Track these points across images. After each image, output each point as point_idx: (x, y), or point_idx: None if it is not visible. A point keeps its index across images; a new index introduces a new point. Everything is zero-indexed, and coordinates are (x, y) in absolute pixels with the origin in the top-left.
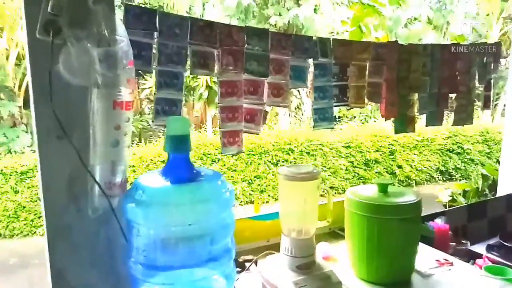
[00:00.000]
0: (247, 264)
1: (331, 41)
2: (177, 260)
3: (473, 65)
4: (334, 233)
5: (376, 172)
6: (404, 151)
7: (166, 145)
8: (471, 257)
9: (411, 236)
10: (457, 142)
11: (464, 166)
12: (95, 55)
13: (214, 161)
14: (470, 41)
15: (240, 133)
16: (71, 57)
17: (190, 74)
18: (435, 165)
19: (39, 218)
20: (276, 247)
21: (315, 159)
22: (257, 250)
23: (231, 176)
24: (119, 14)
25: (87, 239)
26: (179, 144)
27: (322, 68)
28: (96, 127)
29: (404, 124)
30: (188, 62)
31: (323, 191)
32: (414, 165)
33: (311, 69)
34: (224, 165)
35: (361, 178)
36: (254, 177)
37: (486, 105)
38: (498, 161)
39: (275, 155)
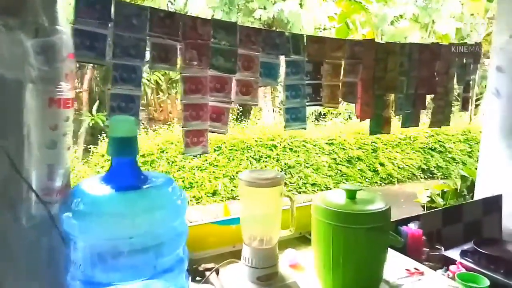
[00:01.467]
0: (208, 273)
1: (304, 37)
2: (119, 276)
3: (452, 65)
4: (304, 238)
5: (359, 169)
6: (386, 148)
7: (109, 148)
8: (445, 263)
9: (379, 246)
10: (439, 141)
11: (446, 165)
12: (29, 47)
13: (195, 156)
14: (453, 41)
15: (205, 132)
16: (1, 48)
17: (150, 68)
18: (417, 163)
19: None
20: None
21: (298, 156)
22: (221, 256)
23: (213, 172)
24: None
25: (26, 249)
26: (123, 147)
27: (295, 66)
28: (30, 127)
29: (380, 125)
30: (148, 56)
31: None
32: (396, 163)
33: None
34: (206, 160)
35: (344, 175)
36: (236, 172)
37: (464, 107)
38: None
39: (258, 151)
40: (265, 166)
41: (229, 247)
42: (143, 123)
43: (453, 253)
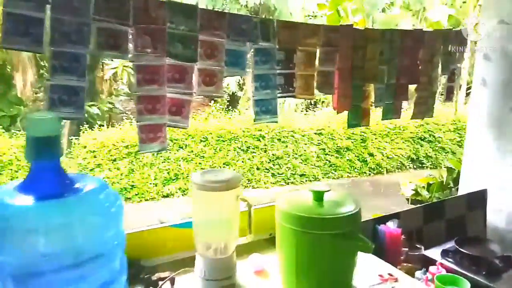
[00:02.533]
0: (161, 283)
1: (275, 23)
2: None
3: (437, 53)
4: (273, 240)
5: (348, 159)
6: (376, 138)
7: (26, 150)
8: (425, 263)
9: (347, 252)
10: (429, 130)
11: (435, 154)
12: None
13: (181, 147)
14: (446, 28)
15: (163, 127)
16: None
17: (95, 56)
18: (406, 153)
19: None
20: None
21: (286, 146)
22: (181, 263)
23: (199, 163)
24: None
25: None
26: (44, 149)
27: (264, 54)
28: None
29: (358, 117)
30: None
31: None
32: (386, 153)
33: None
34: (192, 151)
35: (333, 166)
36: (223, 163)
37: (448, 97)
38: None
39: (245, 141)
40: (253, 157)
41: (190, 251)
42: (127, 114)
43: (434, 253)
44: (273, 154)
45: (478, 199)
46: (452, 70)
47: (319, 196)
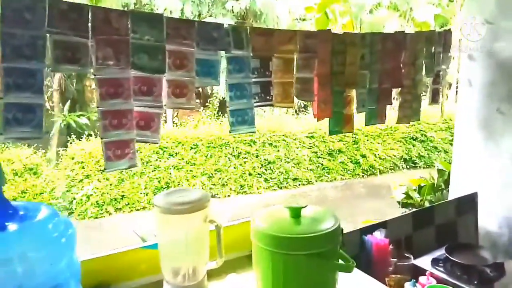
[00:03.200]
0: None
1: (248, 30)
2: None
3: (420, 56)
4: None
5: (340, 162)
6: (367, 140)
7: None
8: (415, 273)
9: (324, 273)
10: (421, 130)
11: (428, 154)
12: None
13: (172, 155)
14: (433, 28)
15: (131, 143)
16: None
17: (53, 71)
18: (398, 153)
19: None
20: None
21: (278, 151)
22: (156, 285)
23: (190, 170)
24: None
25: None
26: None
27: (238, 62)
28: None
29: (340, 124)
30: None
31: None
32: (378, 154)
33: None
34: (183, 159)
35: (325, 169)
36: (215, 170)
37: (434, 100)
38: None
39: (237, 147)
40: (245, 163)
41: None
42: None
43: (424, 262)
44: (265, 159)
45: (469, 203)
46: (437, 72)
47: (295, 213)
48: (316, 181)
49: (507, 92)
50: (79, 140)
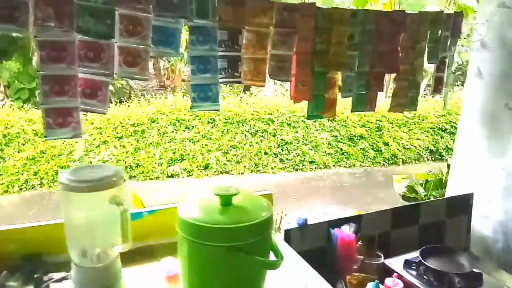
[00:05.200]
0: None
1: None
2: None
3: (422, 39)
4: None
5: (361, 148)
6: (392, 127)
7: None
8: (384, 274)
9: (246, 268)
10: (451, 121)
11: None
12: None
13: (188, 128)
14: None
15: (74, 111)
16: None
17: None
18: (424, 144)
19: None
20: (127, 256)
21: (296, 132)
22: None
23: (206, 145)
24: None
25: None
26: None
27: (202, 33)
28: None
29: (321, 108)
30: None
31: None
32: (402, 143)
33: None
34: (199, 133)
35: (345, 154)
36: (230, 146)
37: (436, 89)
38: None
39: (254, 125)
40: (261, 141)
41: None
42: (134, 92)
43: (398, 263)
44: (282, 139)
45: (462, 204)
46: (442, 58)
47: (225, 201)
48: (334, 166)
49: None
50: None
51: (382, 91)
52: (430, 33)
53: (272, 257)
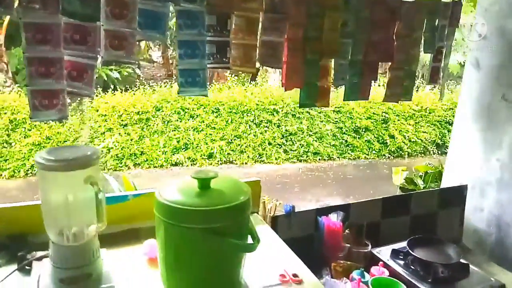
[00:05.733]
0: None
1: None
2: None
3: (418, 28)
4: None
5: (366, 140)
6: (398, 120)
7: None
8: (372, 262)
9: (221, 250)
10: None
11: None
12: None
13: (192, 117)
14: None
15: (60, 93)
16: None
17: None
18: (431, 137)
19: None
20: (111, 238)
21: (301, 123)
22: None
23: (210, 134)
24: None
25: None
26: None
27: (190, 17)
28: None
29: (313, 96)
30: None
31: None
32: (408, 136)
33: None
34: (203, 122)
35: (349, 146)
36: (234, 136)
37: (433, 79)
38: None
39: (258, 115)
40: (265, 132)
41: None
42: (140, 80)
43: (385, 252)
44: (286, 130)
45: (455, 195)
46: (439, 48)
47: (203, 184)
48: (338, 157)
49: None
50: (105, 94)
51: (376, 80)
52: (427, 22)
53: (250, 240)
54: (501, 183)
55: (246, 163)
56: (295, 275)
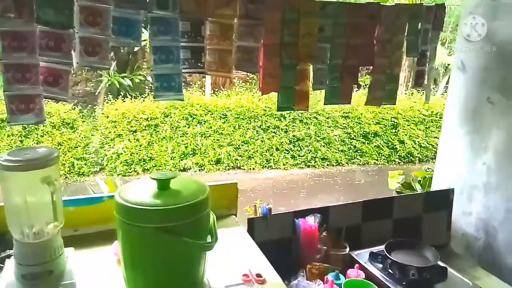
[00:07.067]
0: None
1: None
2: None
3: (399, 32)
4: None
5: (375, 146)
6: (408, 125)
7: None
8: (349, 265)
9: (177, 249)
10: None
11: None
12: None
13: (200, 123)
14: None
15: (36, 98)
16: None
17: None
18: None
19: None
20: (85, 239)
21: (309, 128)
22: None
23: (217, 140)
24: None
25: None
26: None
27: (163, 24)
28: None
29: (291, 100)
30: None
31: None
32: (418, 142)
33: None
34: (211, 128)
35: (358, 151)
36: (242, 142)
37: (417, 83)
38: None
39: (266, 120)
40: (273, 137)
41: (69, 230)
42: (150, 87)
43: (364, 255)
44: (293, 135)
45: (441, 199)
46: (422, 51)
47: (162, 185)
48: (347, 163)
49: (500, 80)
50: (115, 101)
51: (357, 84)
52: (409, 25)
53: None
54: (488, 187)
55: (253, 169)
56: (258, 275)
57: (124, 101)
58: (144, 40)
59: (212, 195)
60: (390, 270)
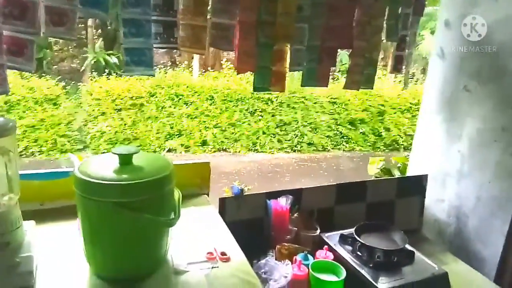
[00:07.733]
0: None
1: None
2: None
3: (378, 15)
4: None
5: (361, 132)
6: (394, 113)
7: None
8: (319, 246)
9: (139, 225)
10: None
11: None
12: None
13: (186, 103)
14: None
15: (0, 69)
16: None
17: None
18: None
19: None
20: (50, 213)
21: (296, 113)
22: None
23: (204, 121)
24: None
25: None
26: None
27: None
28: None
29: (267, 80)
30: None
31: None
32: (404, 129)
33: None
34: (197, 109)
35: (344, 137)
36: (229, 124)
37: (396, 68)
38: None
39: (253, 104)
40: (259, 121)
41: (36, 203)
42: None
43: (334, 237)
44: (280, 120)
45: (414, 185)
46: (402, 36)
47: (124, 160)
48: (333, 149)
49: (476, 68)
50: (99, 77)
51: (335, 66)
52: (389, 9)
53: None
54: (461, 174)
55: (239, 152)
56: (223, 253)
57: (108, 79)
58: None
59: (185, 174)
60: (358, 252)
